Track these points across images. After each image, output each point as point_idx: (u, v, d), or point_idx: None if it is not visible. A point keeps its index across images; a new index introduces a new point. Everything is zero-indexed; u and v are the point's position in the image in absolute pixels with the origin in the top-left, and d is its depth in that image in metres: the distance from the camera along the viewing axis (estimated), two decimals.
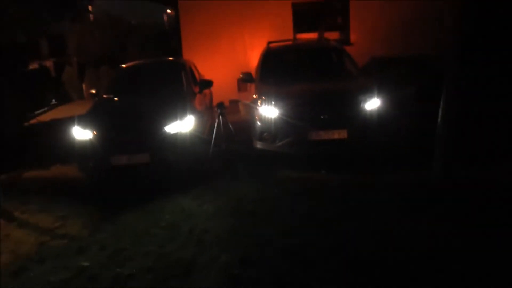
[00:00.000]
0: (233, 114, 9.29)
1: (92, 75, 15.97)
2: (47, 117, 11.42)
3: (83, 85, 15.84)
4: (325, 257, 3.67)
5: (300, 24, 10.78)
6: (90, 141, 5.79)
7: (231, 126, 7.04)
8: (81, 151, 5.89)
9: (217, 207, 4.90)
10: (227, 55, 10.75)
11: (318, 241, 3.96)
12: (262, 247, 3.93)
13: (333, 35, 10.44)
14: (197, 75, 7.94)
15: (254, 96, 6.71)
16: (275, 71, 7.09)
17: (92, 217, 4.96)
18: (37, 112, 11.51)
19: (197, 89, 7.14)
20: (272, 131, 6.01)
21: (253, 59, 9.97)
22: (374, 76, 7.30)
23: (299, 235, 4.09)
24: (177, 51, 12.01)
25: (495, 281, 3.26)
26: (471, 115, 5.50)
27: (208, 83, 7.33)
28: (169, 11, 26.26)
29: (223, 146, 6.88)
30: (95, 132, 5.80)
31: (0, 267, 3.97)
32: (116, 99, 6.91)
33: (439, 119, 5.02)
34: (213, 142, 6.68)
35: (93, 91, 7.42)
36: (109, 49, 20.55)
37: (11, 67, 10.06)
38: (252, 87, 7.37)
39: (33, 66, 14.71)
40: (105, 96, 7.10)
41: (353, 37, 10.81)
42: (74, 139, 5.94)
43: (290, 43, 8.99)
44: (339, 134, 5.84)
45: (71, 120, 6.32)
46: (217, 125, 6.82)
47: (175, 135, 5.79)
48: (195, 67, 8.24)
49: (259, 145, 6.22)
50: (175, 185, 5.58)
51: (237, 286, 3.40)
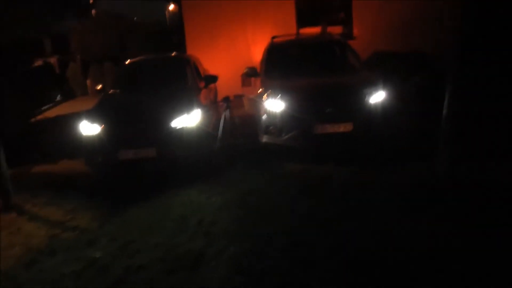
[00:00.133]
0: (237, 108, 9.32)
1: (95, 72, 16.00)
2: (52, 113, 11.47)
3: (87, 82, 15.89)
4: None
5: (303, 18, 10.78)
6: (97, 136, 5.85)
7: (237, 120, 7.09)
8: (89, 146, 5.96)
9: (224, 200, 4.94)
10: (230, 50, 10.75)
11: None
12: (268, 239, 3.97)
13: (336, 30, 10.43)
14: (201, 70, 7.96)
15: (259, 90, 6.75)
16: (279, 65, 7.11)
17: (101, 210, 5.04)
18: (43, 108, 11.55)
19: (202, 84, 7.17)
20: (277, 125, 6.06)
21: (256, 54, 9.97)
22: (377, 70, 7.32)
23: (301, 233, 4.11)
24: (179, 48, 12.03)
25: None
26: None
27: (213, 78, 7.36)
28: (171, 8, 26.28)
29: (230, 140, 6.92)
30: (102, 127, 5.86)
31: (11, 260, 4.05)
32: (122, 94, 6.97)
33: (443, 118, 5.04)
34: (219, 136, 6.73)
35: (99, 87, 7.46)
36: (112, 46, 20.61)
37: (16, 64, 10.12)
38: (257, 81, 7.41)
39: (38, 63, 14.75)
40: (111, 91, 7.16)
41: (356, 32, 10.80)
42: (81, 134, 5.99)
43: (294, 37, 9.02)
44: (345, 127, 5.88)
45: (76, 116, 6.38)
46: (223, 119, 6.87)
47: (181, 129, 5.83)
48: (200, 62, 8.27)
49: (264, 139, 6.26)
50: (182, 179, 5.62)
51: (245, 277, 3.45)
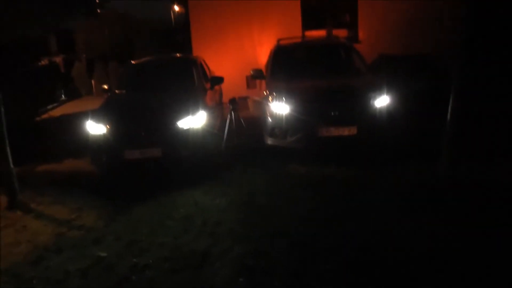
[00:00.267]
0: (242, 110, 9.35)
1: (101, 71, 16.09)
2: (57, 112, 11.55)
3: (92, 81, 15.96)
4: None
5: (308, 21, 10.83)
6: (103, 135, 5.88)
7: (242, 121, 7.11)
8: (94, 145, 5.99)
9: (229, 200, 4.98)
10: (236, 52, 10.80)
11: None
12: (272, 240, 4.00)
13: (341, 33, 10.47)
14: (207, 72, 8.00)
15: (265, 92, 6.78)
16: (285, 67, 7.14)
17: (106, 209, 5.06)
18: (48, 107, 11.64)
19: (208, 85, 7.21)
20: (283, 127, 6.09)
21: (262, 56, 10.02)
22: (382, 73, 7.34)
23: (303, 230, 4.15)
24: (184, 47, 12.08)
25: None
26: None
27: (219, 80, 7.39)
28: (176, 8, 26.39)
29: (235, 141, 6.95)
30: (108, 126, 5.89)
31: (17, 257, 4.08)
32: (128, 94, 7.01)
33: (448, 118, 5.07)
34: (225, 137, 6.76)
35: (106, 87, 7.50)
36: (117, 45, 20.72)
37: (22, 63, 10.18)
38: (262, 83, 7.44)
39: (43, 62, 14.83)
40: (117, 91, 7.20)
41: (361, 35, 10.84)
42: (87, 133, 6.03)
43: (299, 40, 9.05)
44: (349, 130, 5.90)
45: (80, 115, 6.41)
46: (229, 120, 6.90)
47: (187, 130, 5.86)
48: (206, 63, 8.31)
49: (270, 141, 6.29)
50: (188, 179, 5.66)
51: (249, 277, 3.47)
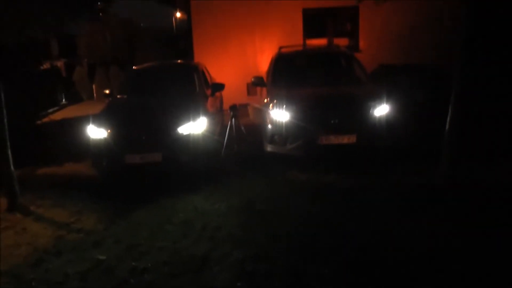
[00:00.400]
0: (242, 117, 9.40)
1: (102, 76, 16.17)
2: (58, 116, 11.60)
3: (93, 86, 16.03)
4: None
5: (310, 29, 10.92)
6: (104, 139, 5.91)
7: (243, 128, 7.15)
8: (95, 149, 6.02)
9: (228, 206, 5.00)
10: (237, 59, 10.89)
11: (319, 242, 4.02)
12: (271, 244, 4.03)
13: (342, 42, 10.57)
14: (209, 78, 8.05)
15: (265, 100, 6.82)
16: (286, 75, 7.20)
17: (106, 212, 5.08)
18: (49, 111, 11.68)
19: (209, 92, 7.26)
20: (283, 134, 6.13)
21: (263, 63, 10.10)
22: (382, 82, 7.40)
23: (303, 235, 4.18)
24: (186, 54, 12.14)
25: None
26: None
27: (220, 86, 7.44)
28: (178, 15, 26.55)
29: (235, 147, 6.98)
30: (109, 130, 5.92)
31: (17, 259, 4.10)
32: (129, 99, 7.05)
33: (448, 121, 5.11)
34: (225, 143, 6.79)
35: (107, 91, 7.55)
36: (119, 51, 20.81)
37: (23, 67, 10.21)
38: (263, 91, 7.49)
39: (45, 66, 14.89)
40: (119, 96, 7.25)
41: (362, 44, 10.94)
42: (88, 137, 6.07)
43: (301, 48, 9.12)
44: (349, 138, 5.94)
45: (81, 119, 6.43)
46: (230, 127, 6.93)
47: (188, 135, 5.90)
48: (207, 70, 8.36)
49: (270, 148, 6.33)
50: (188, 185, 5.69)
51: (249, 281, 3.49)
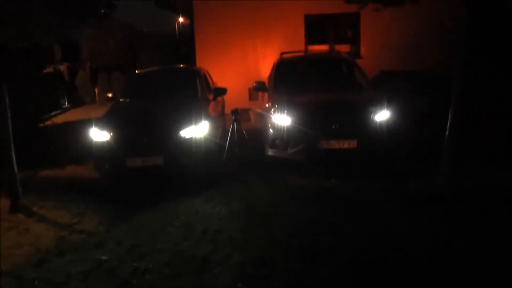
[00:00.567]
0: (244, 122, 9.46)
1: (104, 80, 16.28)
2: (60, 119, 11.65)
3: (96, 90, 16.13)
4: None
5: (312, 36, 10.99)
6: (106, 142, 5.96)
7: (245, 132, 7.19)
8: (98, 152, 6.07)
9: (229, 209, 5.04)
10: (239, 64, 10.95)
11: (320, 242, 4.06)
12: (271, 247, 4.06)
13: (343, 48, 10.62)
14: (211, 83, 8.11)
15: (267, 104, 6.88)
16: (288, 81, 7.25)
17: (108, 214, 5.12)
18: (52, 114, 11.73)
19: (211, 96, 7.31)
20: (284, 139, 6.17)
21: (264, 69, 10.16)
22: (383, 88, 7.45)
23: (303, 237, 4.21)
24: (188, 59, 12.22)
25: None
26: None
27: (222, 91, 7.49)
28: (181, 20, 26.67)
29: (237, 151, 7.02)
30: (111, 134, 5.97)
31: (20, 259, 4.14)
32: (132, 103, 7.10)
33: (449, 122, 5.14)
34: (227, 147, 6.83)
35: (110, 95, 7.60)
36: (122, 55, 20.92)
37: (27, 70, 10.29)
38: (264, 96, 7.54)
39: (48, 70, 14.99)
40: (121, 100, 7.31)
41: (363, 51, 11.01)
42: (91, 140, 6.11)
43: (302, 54, 9.18)
44: (349, 143, 5.99)
45: (83, 123, 6.47)
46: (231, 131, 6.97)
47: (190, 139, 5.94)
48: (209, 75, 8.42)
49: (271, 152, 6.37)
50: (189, 188, 5.73)
51: (249, 283, 3.52)
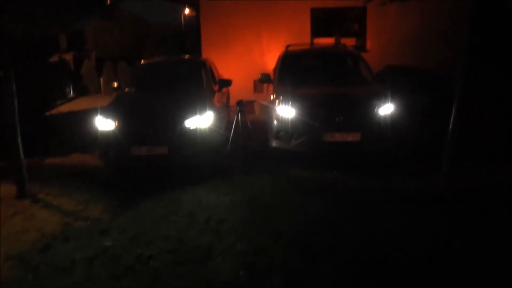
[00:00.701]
0: (248, 114, 9.47)
1: (109, 70, 16.32)
2: (65, 108, 11.71)
3: (101, 79, 16.18)
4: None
5: (318, 29, 10.97)
6: (111, 131, 6.01)
7: (249, 124, 7.21)
8: (103, 141, 6.13)
9: (233, 199, 5.07)
10: (245, 57, 10.94)
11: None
12: (273, 238, 4.08)
13: (349, 41, 10.59)
14: (216, 74, 8.13)
15: (271, 96, 6.90)
16: (293, 73, 7.26)
17: (112, 202, 5.18)
18: (58, 102, 11.79)
19: (216, 87, 7.33)
20: (288, 131, 6.20)
21: (270, 61, 10.14)
22: (388, 83, 7.46)
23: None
24: (193, 51, 12.23)
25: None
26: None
27: (227, 82, 7.50)
28: (187, 11, 26.60)
29: (241, 142, 7.04)
30: (116, 123, 6.01)
31: (26, 243, 4.20)
32: (137, 93, 7.14)
33: (452, 120, 5.15)
34: (231, 138, 6.86)
35: (115, 85, 7.64)
36: (128, 46, 20.95)
37: (33, 59, 10.34)
38: (269, 88, 7.56)
39: (53, 59, 15.04)
40: (127, 89, 7.35)
41: (369, 44, 10.98)
42: (96, 128, 6.16)
43: (308, 47, 9.18)
44: (353, 136, 6.02)
45: (88, 112, 6.51)
46: (236, 122, 6.99)
47: (194, 129, 5.98)
48: (215, 66, 8.44)
49: (275, 144, 6.41)
50: (193, 178, 5.75)
51: (251, 272, 3.56)
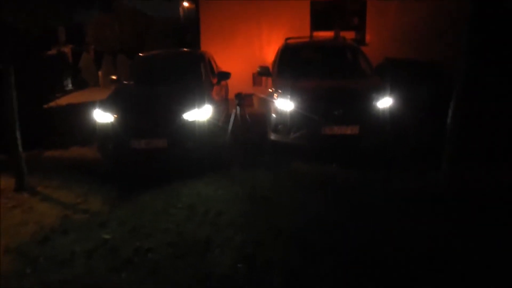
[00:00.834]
0: (247, 107, 9.46)
1: (108, 63, 16.26)
2: (64, 101, 11.68)
3: (100, 73, 16.13)
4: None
5: (317, 22, 10.93)
6: (110, 124, 6.00)
7: (248, 116, 7.21)
8: (101, 133, 6.11)
9: (231, 192, 5.08)
10: (244, 50, 10.91)
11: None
12: (272, 232, 4.09)
13: (349, 35, 10.56)
14: (215, 67, 8.10)
15: (270, 89, 6.89)
16: (292, 66, 7.24)
17: (111, 195, 5.19)
18: (56, 95, 11.76)
19: (215, 80, 7.31)
20: (287, 124, 6.20)
21: (269, 54, 10.12)
22: (387, 76, 7.45)
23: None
24: (193, 44, 12.18)
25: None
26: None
27: (226, 75, 7.47)
28: (186, 4, 26.46)
29: (240, 135, 7.05)
30: (115, 115, 6.00)
31: (25, 236, 4.21)
32: (136, 85, 7.12)
33: (449, 119, 5.15)
34: (229, 131, 6.87)
35: (114, 77, 7.63)
36: (127, 40, 20.84)
37: (32, 52, 10.30)
38: (268, 81, 7.55)
39: (52, 51, 15.00)
40: (125, 82, 7.33)
41: (368, 38, 10.95)
42: (95, 121, 6.15)
43: (307, 40, 9.16)
44: (352, 129, 6.02)
45: (87, 105, 6.49)
46: (234, 115, 6.99)
47: (193, 122, 5.96)
48: (214, 59, 8.42)
49: (273, 137, 6.40)
50: (192, 171, 5.76)
51: (249, 265, 3.58)
